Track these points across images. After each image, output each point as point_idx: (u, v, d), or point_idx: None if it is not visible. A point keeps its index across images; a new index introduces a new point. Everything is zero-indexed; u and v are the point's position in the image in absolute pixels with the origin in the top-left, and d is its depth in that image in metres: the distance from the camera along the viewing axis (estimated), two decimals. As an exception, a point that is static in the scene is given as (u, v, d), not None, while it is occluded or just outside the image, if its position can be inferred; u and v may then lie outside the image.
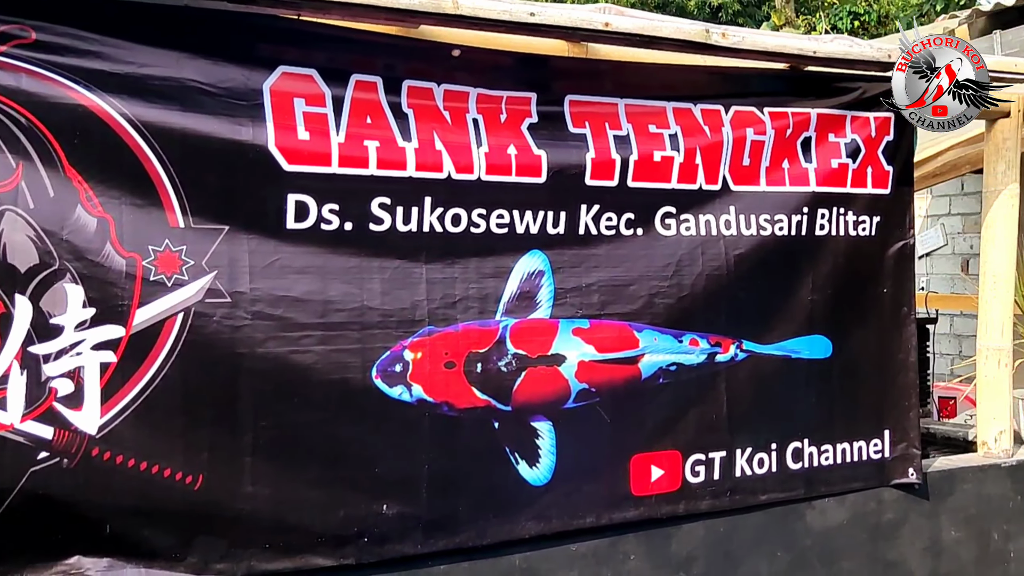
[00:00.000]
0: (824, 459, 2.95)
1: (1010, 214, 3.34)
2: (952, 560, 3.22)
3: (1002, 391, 3.38)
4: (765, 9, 10.72)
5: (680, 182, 2.67)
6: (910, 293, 3.12)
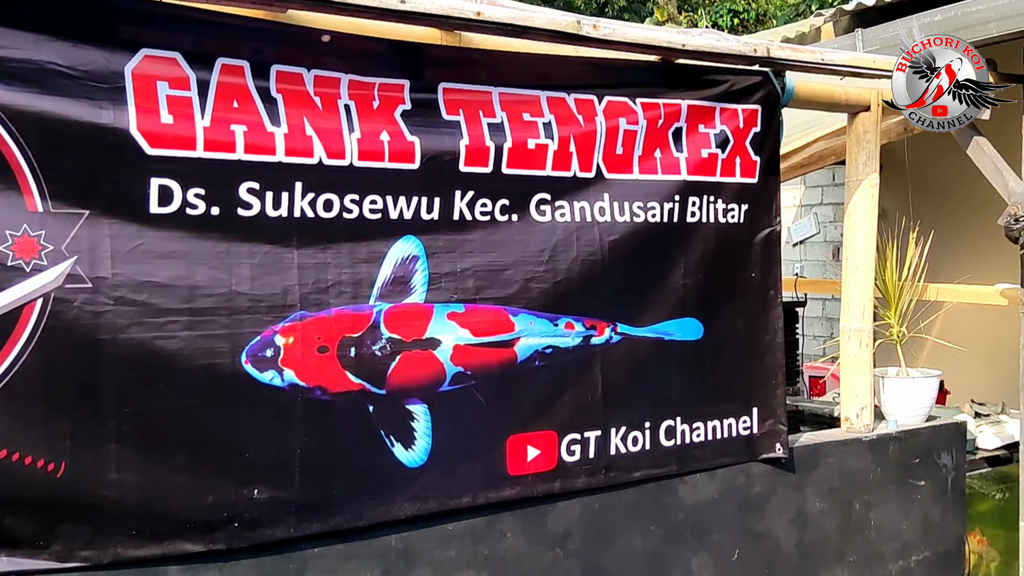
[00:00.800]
0: (696, 436, 2.98)
1: (870, 203, 3.43)
2: (817, 530, 3.29)
3: (863, 370, 3.47)
4: (649, 5, 10.86)
5: (555, 169, 2.65)
6: (777, 277, 3.16)
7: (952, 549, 3.74)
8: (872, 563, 3.46)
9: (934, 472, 3.67)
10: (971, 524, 4.48)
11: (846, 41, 3.61)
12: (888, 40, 3.60)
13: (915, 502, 3.60)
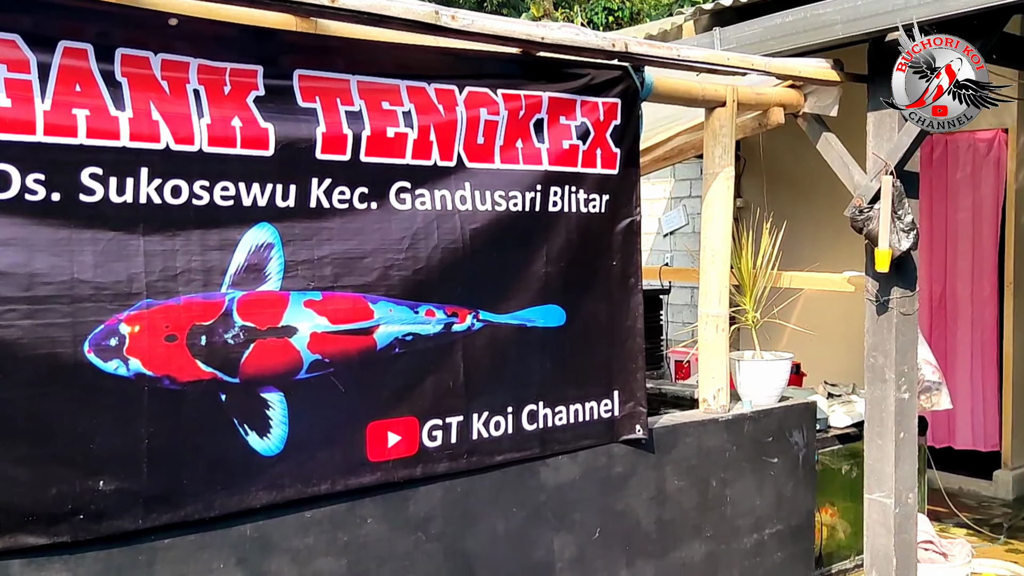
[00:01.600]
0: (558, 420, 2.99)
1: (726, 194, 3.49)
2: (675, 507, 3.35)
3: (720, 353, 3.55)
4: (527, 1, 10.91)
5: (415, 158, 2.61)
6: (637, 265, 3.19)
7: (803, 522, 3.87)
8: (728, 537, 3.54)
9: (786, 449, 3.77)
10: (824, 497, 4.65)
11: (705, 39, 3.67)
12: (744, 39, 3.67)
13: (768, 478, 3.70)
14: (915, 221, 3.63)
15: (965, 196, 6.32)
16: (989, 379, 6.39)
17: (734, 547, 3.57)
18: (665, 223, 6.35)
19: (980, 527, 5.74)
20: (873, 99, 3.71)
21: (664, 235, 6.39)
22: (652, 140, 3.82)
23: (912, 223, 3.60)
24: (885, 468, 3.78)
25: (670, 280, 4.93)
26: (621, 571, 3.19)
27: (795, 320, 6.57)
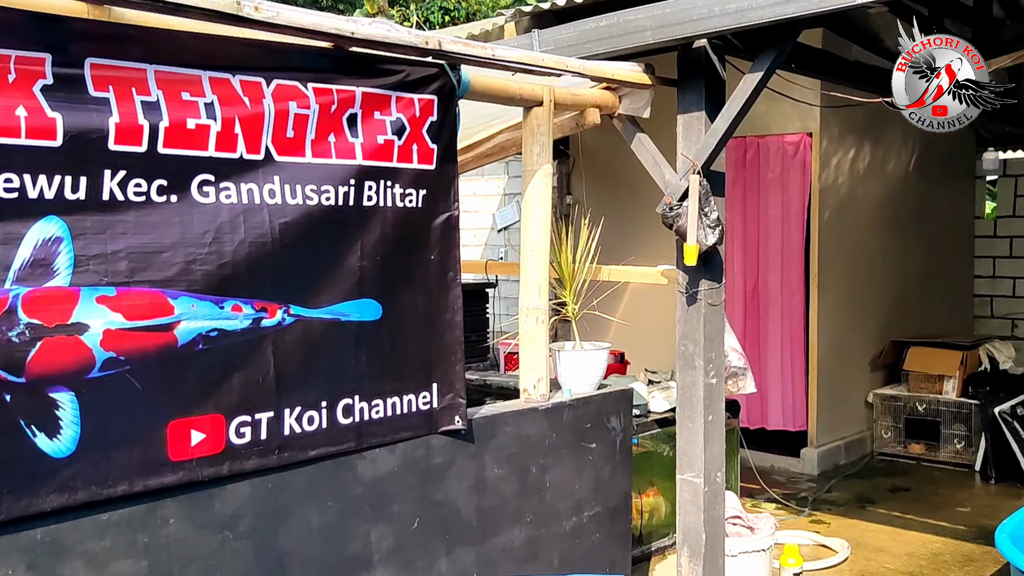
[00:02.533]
0: (375, 413, 2.93)
1: (544, 191, 3.52)
2: (495, 495, 3.35)
3: (539, 344, 3.57)
4: (364, -2, 10.83)
5: (219, 150, 2.50)
6: (456, 260, 3.17)
7: (621, 503, 3.95)
8: (548, 521, 3.58)
9: (604, 435, 3.85)
10: (645, 478, 4.79)
11: (524, 40, 3.69)
12: (561, 41, 3.71)
13: (587, 463, 3.76)
14: (720, 218, 3.76)
15: (775, 195, 6.63)
16: (797, 364, 6.74)
17: (554, 530, 3.62)
18: (499, 219, 6.40)
19: (788, 501, 6.04)
20: (682, 102, 3.82)
21: (498, 230, 6.44)
22: (475, 137, 3.82)
23: (718, 220, 3.73)
24: (695, 449, 3.91)
25: (497, 274, 4.96)
26: (441, 559, 3.18)
27: (622, 312, 6.75)
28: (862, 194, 7.02)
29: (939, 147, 7.99)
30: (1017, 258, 8.87)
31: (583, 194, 6.54)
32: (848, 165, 6.83)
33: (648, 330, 5.99)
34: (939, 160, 8.05)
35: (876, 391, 7.28)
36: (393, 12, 10.02)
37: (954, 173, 8.40)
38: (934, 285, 8.18)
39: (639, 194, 5.87)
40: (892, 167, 7.44)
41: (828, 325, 6.68)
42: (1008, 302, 8.92)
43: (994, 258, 8.99)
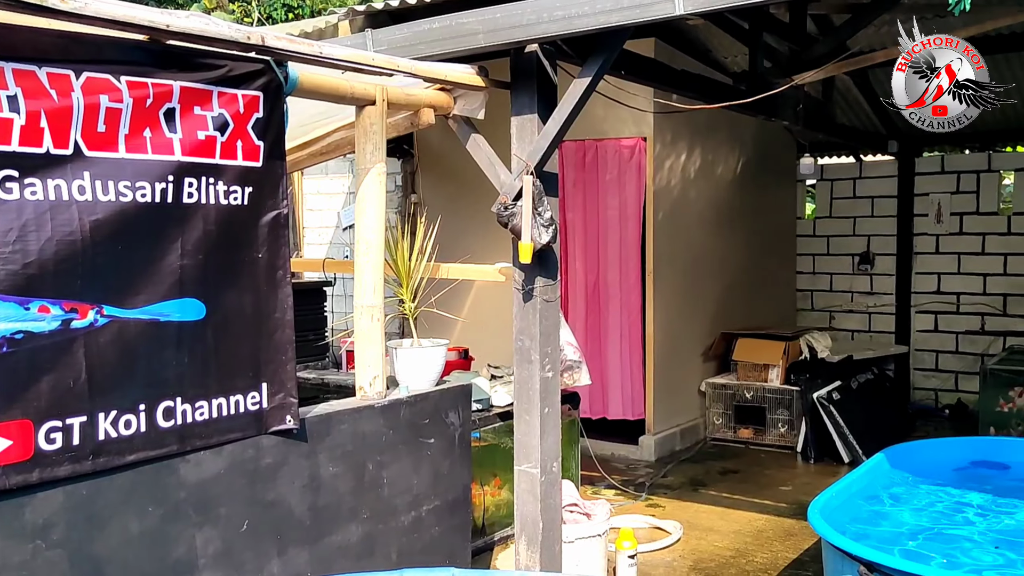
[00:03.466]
0: (199, 415, 2.80)
1: (378, 189, 3.46)
2: (330, 492, 3.28)
3: (375, 342, 3.51)
4: (204, -8, 10.43)
5: (23, 145, 2.32)
6: (285, 258, 3.07)
7: (460, 496, 3.94)
8: (385, 516, 3.52)
9: (443, 430, 3.82)
10: (488, 471, 4.79)
11: (358, 39, 3.62)
12: (395, 41, 3.66)
13: (425, 458, 3.72)
14: (554, 217, 3.81)
15: (613, 196, 6.79)
16: (636, 356, 6.93)
17: (392, 526, 3.56)
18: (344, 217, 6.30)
19: (627, 487, 6.21)
20: (516, 105, 3.85)
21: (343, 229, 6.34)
22: (310, 135, 3.72)
23: (551, 219, 3.77)
24: (532, 441, 3.95)
25: (335, 272, 4.87)
26: (272, 560, 3.07)
27: (468, 309, 6.77)
28: (693, 196, 7.29)
29: (763, 152, 8.41)
30: (834, 255, 9.43)
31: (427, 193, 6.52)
32: (680, 168, 7.08)
33: (492, 326, 6.02)
34: (763, 164, 8.46)
35: (708, 380, 7.57)
36: (234, 7, 9.68)
37: (777, 177, 8.85)
38: (760, 281, 8.59)
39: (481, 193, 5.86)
40: (721, 171, 7.76)
41: (663, 319, 6.90)
42: (826, 296, 9.48)
43: (814, 255, 9.54)
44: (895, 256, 9.00)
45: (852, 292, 9.34)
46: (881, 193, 9.11)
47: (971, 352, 8.68)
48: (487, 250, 5.86)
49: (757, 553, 5.09)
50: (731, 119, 7.58)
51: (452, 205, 6.66)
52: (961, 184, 8.76)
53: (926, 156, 8.99)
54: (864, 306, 9.29)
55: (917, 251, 8.97)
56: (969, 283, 8.74)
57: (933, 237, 8.90)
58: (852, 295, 9.34)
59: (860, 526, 4.46)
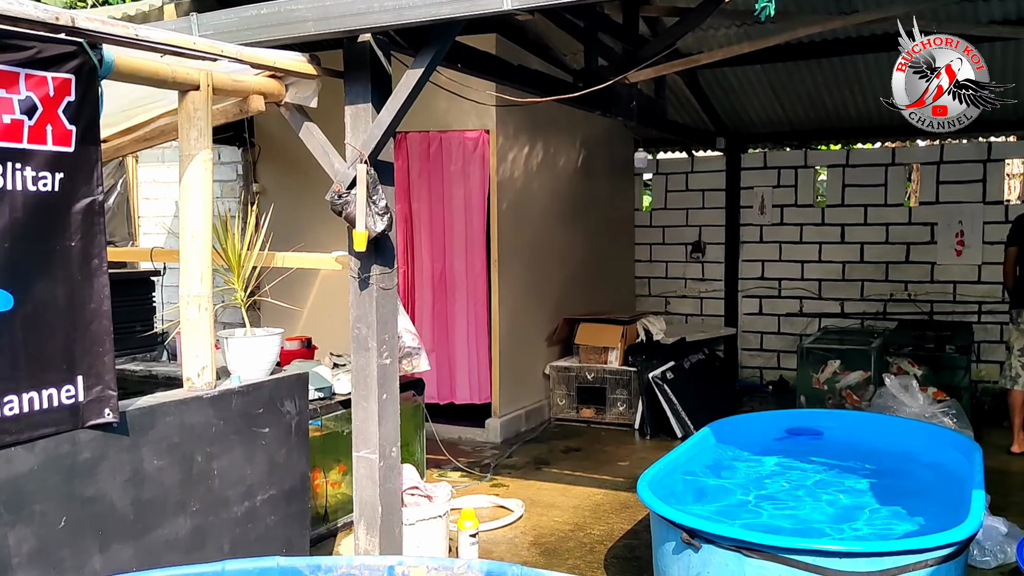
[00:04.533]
0: (8, 410, 2.61)
1: (204, 176, 3.31)
2: (156, 486, 3.12)
3: (203, 332, 3.37)
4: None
5: None
6: (101, 246, 2.89)
7: (297, 484, 3.84)
8: (217, 508, 3.39)
9: (278, 419, 3.71)
10: (332, 458, 4.70)
11: (183, 23, 3.45)
12: (222, 26, 3.51)
13: (260, 447, 3.61)
14: (389, 206, 3.75)
15: (459, 186, 6.79)
16: (482, 342, 6.96)
17: (224, 517, 3.43)
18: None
19: (472, 469, 6.23)
20: (350, 94, 3.76)
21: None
22: (134, 120, 3.52)
23: (386, 207, 3.72)
24: (370, 427, 3.89)
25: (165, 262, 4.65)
26: (94, 557, 2.90)
27: (313, 298, 6.62)
28: (536, 187, 7.38)
29: (603, 147, 8.61)
30: (669, 244, 9.77)
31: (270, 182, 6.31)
32: (523, 161, 7.15)
33: (338, 316, 5.89)
34: (603, 159, 8.66)
35: (552, 364, 7.70)
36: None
37: (616, 171, 9.08)
38: (601, 269, 8.80)
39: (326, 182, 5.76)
40: (563, 164, 7.89)
41: (508, 306, 6.96)
42: (662, 282, 9.82)
43: (651, 245, 9.86)
44: (724, 245, 9.42)
45: (686, 279, 9.72)
46: (711, 187, 9.50)
47: (791, 333, 9.19)
48: (332, 239, 5.73)
49: (595, 526, 5.21)
50: (571, 115, 7.73)
51: (296, 194, 6.49)
52: (782, 179, 9.24)
53: (751, 152, 9.43)
54: (696, 291, 9.68)
55: (743, 240, 9.41)
56: (789, 270, 9.25)
57: (757, 227, 9.35)
58: (686, 281, 9.72)
59: (685, 496, 4.64)
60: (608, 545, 4.91)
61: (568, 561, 4.67)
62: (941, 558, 3.53)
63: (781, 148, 9.35)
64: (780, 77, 7.96)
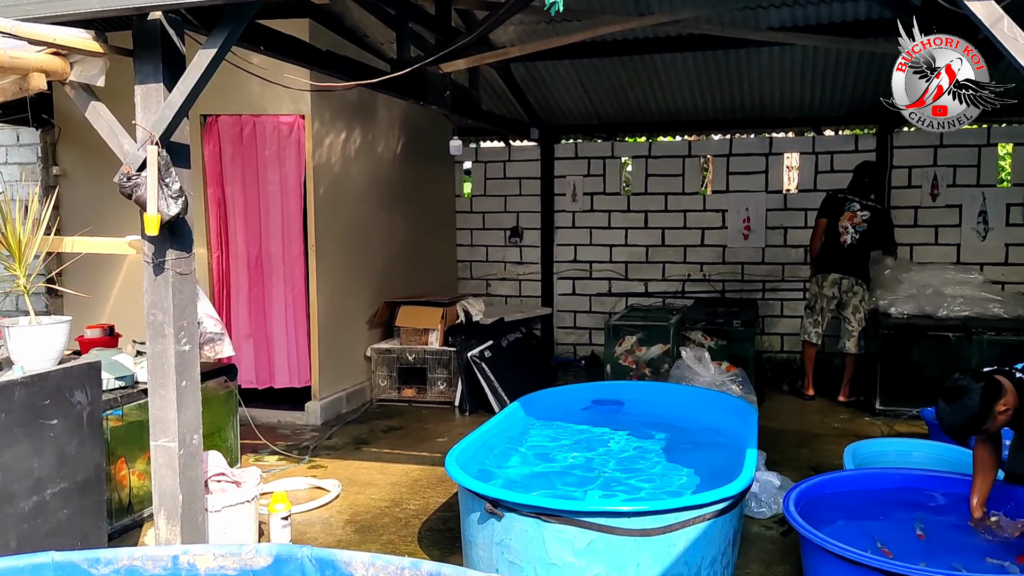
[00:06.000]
0: None
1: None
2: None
3: (-24, 321, 3.08)
4: None
5: None
6: None
7: (91, 476, 3.58)
8: (1, 504, 3.11)
9: (68, 410, 3.44)
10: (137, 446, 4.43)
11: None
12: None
13: (48, 440, 3.33)
14: (183, 189, 3.54)
15: (274, 171, 6.55)
16: (301, 326, 6.77)
17: (9, 512, 3.15)
18: None
19: (291, 452, 6.06)
20: (140, 73, 3.52)
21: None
22: None
23: (180, 190, 3.51)
24: (168, 415, 3.69)
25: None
26: None
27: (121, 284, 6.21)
28: (354, 172, 7.23)
29: (422, 136, 8.55)
30: (489, 230, 9.86)
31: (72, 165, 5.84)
32: (340, 146, 6.98)
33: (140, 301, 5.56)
34: (423, 147, 8.61)
35: (373, 346, 7.60)
36: None
37: (436, 158, 9.04)
38: (422, 253, 8.76)
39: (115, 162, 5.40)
40: (381, 150, 7.77)
41: (327, 290, 6.79)
42: (483, 266, 9.91)
43: (471, 230, 9.92)
44: (540, 230, 9.60)
45: (505, 262, 9.84)
46: (527, 175, 9.65)
47: (601, 311, 9.50)
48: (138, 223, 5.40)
49: (411, 501, 5.19)
50: (390, 103, 7.62)
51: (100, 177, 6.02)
52: (591, 168, 9.51)
53: (564, 143, 9.64)
54: (515, 274, 9.83)
55: (558, 226, 9.63)
56: (599, 253, 9.55)
57: (570, 214, 9.59)
58: (505, 265, 9.84)
59: (492, 467, 4.69)
60: (423, 519, 4.90)
61: (383, 536, 4.63)
62: (717, 512, 3.74)
63: (591, 139, 9.61)
64: (588, 73, 8.16)
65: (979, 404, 3.40)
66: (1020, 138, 8.35)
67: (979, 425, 3.44)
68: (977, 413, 3.40)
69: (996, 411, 3.42)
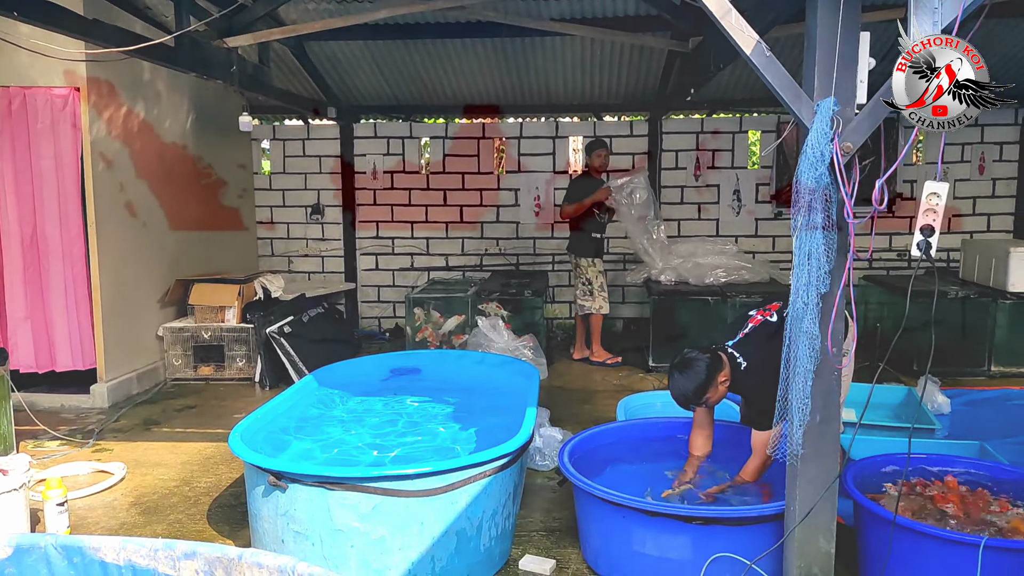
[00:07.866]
0: None
1: None
2: None
3: None
4: None
5: None
6: None
7: None
8: None
9: None
10: None
11: None
12: None
13: None
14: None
15: (47, 146, 5.94)
16: (83, 307, 6.23)
17: None
18: None
19: (75, 436, 5.58)
20: None
21: None
22: None
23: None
24: (-88, 404, 3.24)
25: None
26: None
27: None
28: (139, 148, 6.70)
29: (215, 112, 8.06)
30: (289, 207, 9.50)
31: None
32: (122, 120, 6.43)
33: None
34: (216, 124, 8.12)
35: (166, 325, 7.13)
36: None
37: (232, 135, 8.56)
38: (219, 231, 8.29)
39: None
40: (169, 124, 7.25)
41: (111, 269, 6.27)
42: (285, 243, 9.54)
43: (272, 207, 9.51)
44: (341, 208, 9.36)
45: (307, 239, 9.53)
46: (327, 153, 9.37)
47: (404, 285, 9.43)
48: None
49: (202, 479, 4.91)
50: (176, 78, 7.12)
51: None
52: (391, 148, 9.37)
53: (363, 123, 9.43)
54: (317, 250, 9.54)
55: (359, 203, 9.43)
56: (401, 229, 9.46)
57: (371, 191, 9.42)
58: (307, 241, 9.53)
59: (285, 440, 4.53)
60: (215, 496, 4.66)
61: (170, 516, 4.35)
62: (497, 467, 3.79)
63: (391, 120, 9.47)
64: (383, 54, 8.00)
65: (705, 372, 3.67)
66: (767, 126, 9.08)
67: (704, 392, 3.70)
68: (704, 381, 3.68)
69: (718, 380, 3.70)
